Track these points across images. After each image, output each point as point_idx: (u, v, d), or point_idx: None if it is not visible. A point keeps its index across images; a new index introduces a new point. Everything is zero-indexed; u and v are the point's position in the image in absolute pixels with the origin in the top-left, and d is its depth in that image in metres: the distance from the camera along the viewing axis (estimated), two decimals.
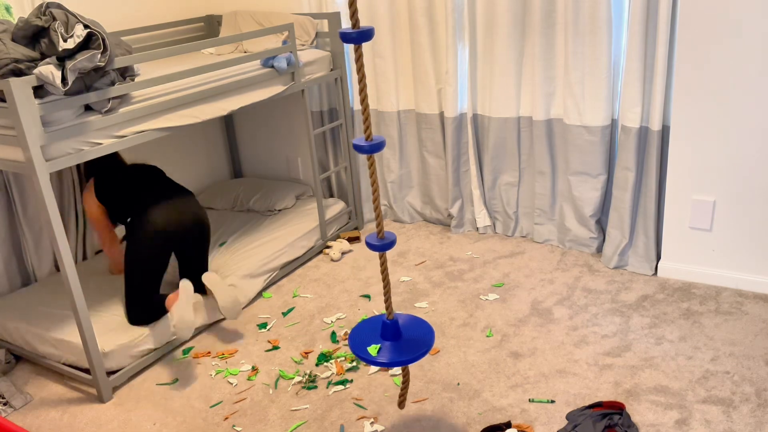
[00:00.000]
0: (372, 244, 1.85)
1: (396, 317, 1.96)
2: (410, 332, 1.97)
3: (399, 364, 1.90)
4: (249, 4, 3.83)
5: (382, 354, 1.89)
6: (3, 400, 2.57)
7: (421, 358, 1.91)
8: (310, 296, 3.21)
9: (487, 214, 3.70)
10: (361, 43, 1.68)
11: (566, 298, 3.00)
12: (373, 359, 1.88)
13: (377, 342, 1.93)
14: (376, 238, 1.86)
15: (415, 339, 1.94)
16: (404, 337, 1.95)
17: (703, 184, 2.91)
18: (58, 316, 2.79)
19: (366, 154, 1.77)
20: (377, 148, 1.75)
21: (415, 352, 1.89)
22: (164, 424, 2.40)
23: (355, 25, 1.65)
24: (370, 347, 1.90)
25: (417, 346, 1.92)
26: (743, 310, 2.80)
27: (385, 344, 1.92)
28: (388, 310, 1.93)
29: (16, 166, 2.30)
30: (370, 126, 1.77)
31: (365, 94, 1.75)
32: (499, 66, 3.32)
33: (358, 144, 1.76)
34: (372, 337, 1.95)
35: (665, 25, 2.76)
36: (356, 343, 1.94)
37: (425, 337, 1.95)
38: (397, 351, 1.90)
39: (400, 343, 1.93)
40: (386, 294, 1.92)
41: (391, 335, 1.93)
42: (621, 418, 2.18)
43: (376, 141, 1.75)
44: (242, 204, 3.91)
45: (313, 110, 3.84)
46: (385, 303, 1.93)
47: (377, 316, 2.03)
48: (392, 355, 1.89)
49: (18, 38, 2.29)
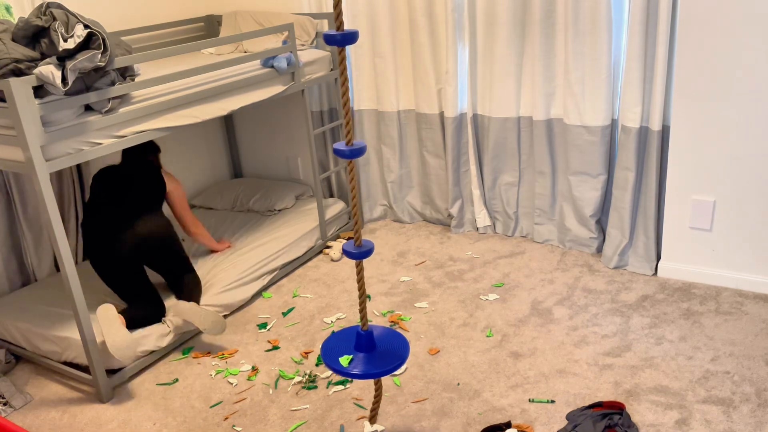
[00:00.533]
0: (349, 251, 1.81)
1: (371, 328, 1.93)
2: (385, 344, 1.94)
3: (372, 376, 1.85)
4: (249, 4, 3.83)
5: (354, 365, 1.85)
6: (3, 400, 2.57)
7: (394, 371, 1.86)
8: (310, 296, 3.21)
9: (487, 214, 3.70)
10: (345, 46, 1.67)
11: (566, 298, 3.00)
12: (344, 370, 1.84)
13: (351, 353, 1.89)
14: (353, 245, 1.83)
15: (389, 351, 1.90)
16: (378, 348, 1.91)
17: (703, 184, 2.91)
18: (58, 315, 2.79)
19: (347, 159, 1.73)
20: (358, 154, 1.72)
21: (389, 365, 1.85)
22: (164, 424, 2.40)
23: (339, 28, 1.64)
24: (341, 358, 1.86)
25: (391, 359, 1.88)
26: (743, 310, 2.80)
27: (359, 355, 1.89)
28: (363, 321, 1.90)
29: (16, 166, 2.30)
30: (351, 130, 1.75)
31: (347, 98, 1.74)
32: (499, 66, 3.32)
33: (339, 149, 1.72)
34: (345, 348, 1.91)
35: (665, 25, 2.76)
36: (329, 353, 1.90)
37: (399, 350, 1.91)
38: (371, 363, 1.86)
39: (374, 355, 1.89)
40: (361, 304, 1.89)
41: (365, 347, 1.90)
42: (621, 418, 2.18)
43: (356, 146, 1.72)
44: (242, 204, 3.91)
45: (313, 110, 3.84)
46: (360, 313, 1.90)
47: (351, 327, 1.99)
48: (365, 367, 1.85)
49: (18, 38, 2.29)
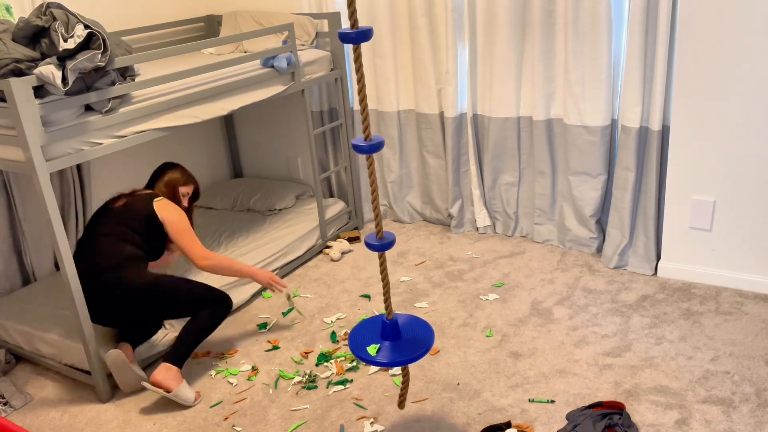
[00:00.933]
0: (371, 244, 1.84)
1: (395, 317, 1.96)
2: (410, 332, 1.97)
3: (398, 364, 1.89)
4: (249, 4, 3.83)
5: (381, 354, 1.89)
6: (3, 400, 2.57)
7: (420, 358, 1.91)
8: (310, 296, 3.21)
9: (487, 214, 3.70)
10: (360, 44, 1.68)
11: (566, 298, 3.00)
12: (372, 359, 1.87)
13: (377, 342, 1.92)
14: (375, 238, 1.86)
15: (414, 339, 1.94)
16: (404, 337, 1.95)
17: (703, 184, 2.91)
18: (58, 316, 2.79)
19: (365, 154, 1.76)
20: (376, 148, 1.75)
21: (415, 352, 1.89)
22: (164, 424, 2.40)
23: (354, 25, 1.65)
24: (369, 347, 1.90)
25: (416, 346, 1.91)
26: (743, 310, 2.80)
27: (385, 344, 1.92)
28: (388, 310, 1.93)
29: (16, 166, 2.30)
30: (369, 126, 1.76)
31: (364, 94, 1.74)
32: (499, 66, 3.32)
33: (358, 144, 1.75)
34: (371, 337, 1.95)
35: (665, 25, 2.76)
36: (356, 343, 1.93)
37: (425, 337, 1.95)
38: (397, 351, 1.90)
39: (400, 343, 1.93)
40: (386, 294, 1.92)
41: (390, 335, 1.93)
42: (621, 418, 2.18)
43: (375, 141, 1.75)
44: (242, 204, 3.91)
45: (313, 110, 3.84)
46: (384, 303, 1.93)
47: (377, 316, 2.03)
48: (392, 355, 1.88)
49: (18, 38, 2.29)
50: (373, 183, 1.82)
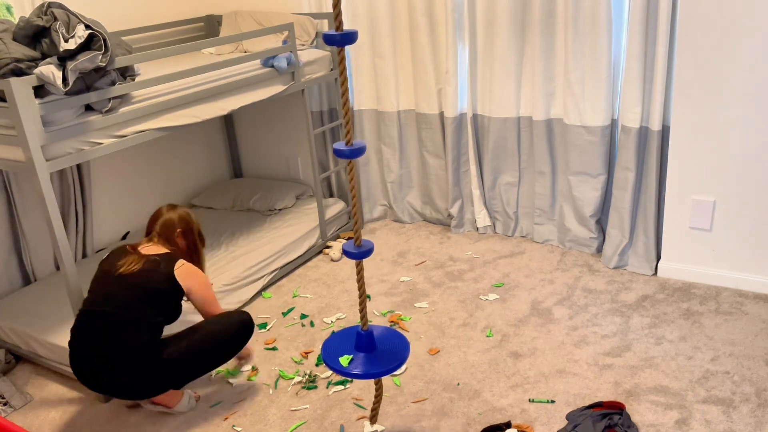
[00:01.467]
0: (349, 252, 1.81)
1: (371, 329, 1.92)
2: (385, 344, 1.93)
3: (372, 376, 1.85)
4: (249, 4, 3.83)
5: (354, 365, 1.85)
6: (3, 400, 2.57)
7: (394, 371, 1.86)
8: (310, 296, 3.21)
9: (487, 214, 3.70)
10: (345, 46, 1.66)
11: (566, 298, 3.00)
12: (344, 370, 1.84)
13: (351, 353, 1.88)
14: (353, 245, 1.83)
15: (389, 351, 1.90)
16: (379, 348, 1.91)
17: (703, 184, 2.91)
18: (58, 317, 2.79)
19: (346, 159, 1.73)
20: (357, 154, 1.72)
21: (389, 365, 1.85)
22: (164, 424, 2.40)
23: (339, 28, 1.64)
24: (341, 358, 1.86)
25: (391, 359, 1.87)
26: (743, 310, 2.80)
27: (359, 355, 1.88)
28: (363, 321, 1.90)
29: (16, 166, 2.30)
30: (351, 130, 1.74)
31: (347, 98, 1.73)
32: (499, 66, 3.32)
33: (339, 149, 1.72)
34: (346, 348, 1.91)
35: (665, 25, 2.77)
36: (329, 353, 1.90)
37: (399, 349, 1.91)
38: (370, 363, 1.86)
39: (374, 355, 1.89)
40: (361, 304, 1.88)
41: (365, 347, 1.90)
42: (621, 418, 2.18)
43: (356, 146, 1.72)
44: (242, 204, 3.91)
45: (313, 110, 3.84)
46: (360, 313, 1.90)
47: (351, 327, 1.99)
48: (365, 367, 1.85)
49: (19, 38, 2.29)
50: (353, 189, 1.80)
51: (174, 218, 2.49)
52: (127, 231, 3.68)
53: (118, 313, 2.24)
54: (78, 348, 2.28)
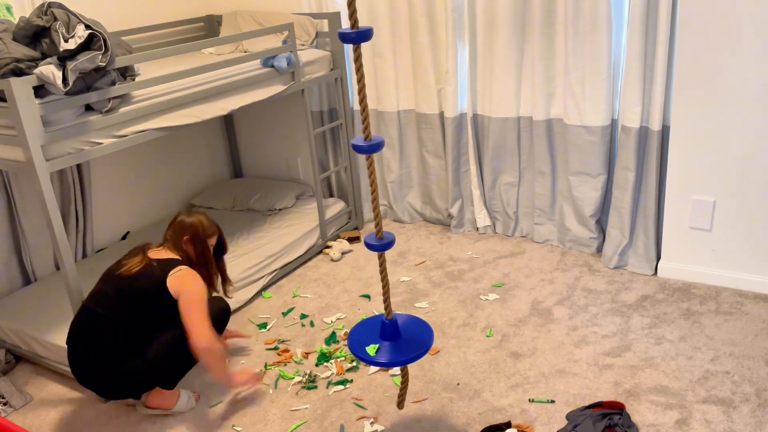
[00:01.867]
0: (371, 244, 1.84)
1: (395, 317, 1.96)
2: (409, 332, 1.97)
3: (398, 364, 1.89)
4: (249, 4, 3.83)
5: (380, 354, 1.88)
6: (3, 400, 2.57)
7: (419, 358, 1.90)
8: (310, 296, 3.21)
9: (487, 214, 3.70)
10: (360, 44, 1.68)
11: (566, 298, 3.00)
12: (371, 359, 1.87)
13: (376, 342, 1.92)
14: (375, 238, 1.86)
15: (413, 339, 1.94)
16: (403, 337, 1.94)
17: (703, 184, 2.91)
18: (58, 317, 2.78)
19: (365, 154, 1.76)
20: (376, 149, 1.74)
21: (414, 352, 1.89)
22: (164, 424, 2.40)
23: (354, 25, 1.65)
24: (368, 347, 1.89)
25: (416, 346, 1.91)
26: (743, 310, 2.80)
27: (384, 344, 1.91)
28: (387, 310, 1.93)
29: (17, 166, 2.30)
30: (369, 126, 1.76)
31: (364, 94, 1.74)
32: (499, 66, 3.32)
33: (357, 144, 1.75)
34: (371, 337, 1.94)
35: (665, 25, 2.77)
36: (355, 343, 1.93)
37: (424, 337, 1.95)
38: (396, 351, 1.89)
39: (399, 343, 1.92)
40: (385, 294, 1.92)
41: (389, 335, 1.93)
42: (621, 418, 2.18)
43: (374, 141, 1.75)
44: (242, 204, 3.91)
45: (313, 110, 3.84)
46: (384, 303, 1.93)
47: (376, 316, 2.02)
48: (391, 355, 1.88)
49: (19, 38, 2.29)
50: (373, 183, 1.82)
51: (185, 224, 2.44)
52: (127, 231, 3.68)
53: (103, 314, 2.27)
54: (71, 343, 2.33)
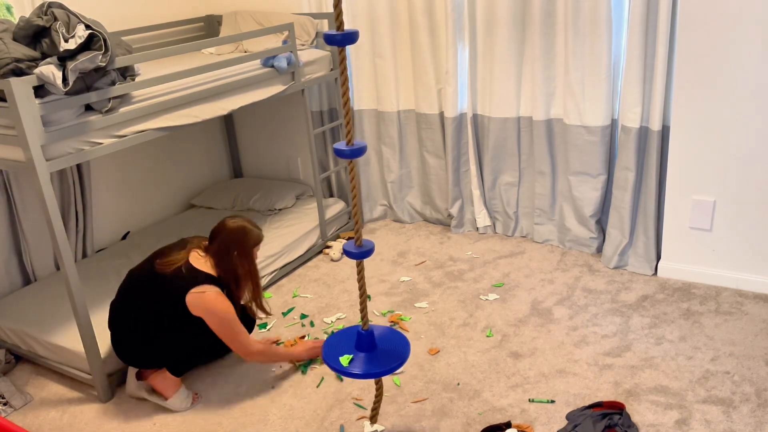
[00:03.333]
0: (350, 251, 1.81)
1: (371, 328, 1.92)
2: (385, 344, 1.93)
3: (372, 376, 1.86)
4: (249, 4, 3.83)
5: (354, 365, 1.85)
6: (3, 400, 2.57)
7: (394, 371, 1.87)
8: (310, 296, 3.21)
9: (487, 214, 3.70)
10: (345, 46, 1.66)
11: (566, 298, 3.00)
12: (344, 370, 1.84)
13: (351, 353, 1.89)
14: (354, 245, 1.82)
15: (389, 351, 1.90)
16: (379, 348, 1.91)
17: (703, 184, 2.91)
18: (57, 318, 2.79)
19: (347, 159, 1.73)
20: (358, 153, 1.72)
21: (389, 365, 1.85)
22: (164, 424, 2.40)
23: (340, 28, 1.64)
24: (342, 357, 1.86)
25: (391, 358, 1.87)
26: (743, 310, 2.80)
27: (359, 355, 1.88)
28: (364, 321, 1.90)
29: (17, 166, 2.30)
30: (352, 130, 1.74)
31: (347, 97, 1.73)
32: (499, 66, 3.32)
33: (339, 149, 1.72)
34: (346, 348, 1.91)
35: (665, 25, 2.77)
36: (330, 353, 1.90)
37: (400, 350, 1.91)
38: (371, 362, 1.86)
39: (374, 355, 1.89)
40: (362, 303, 1.89)
41: (365, 346, 1.90)
42: (621, 418, 2.18)
43: (356, 146, 1.72)
44: (242, 204, 3.91)
45: (313, 110, 3.84)
46: (360, 312, 1.90)
47: (352, 327, 2.00)
48: (366, 367, 1.85)
49: (19, 38, 2.29)
50: (354, 189, 1.79)
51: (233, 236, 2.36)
52: (127, 231, 3.68)
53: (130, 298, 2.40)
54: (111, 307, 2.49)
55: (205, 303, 2.28)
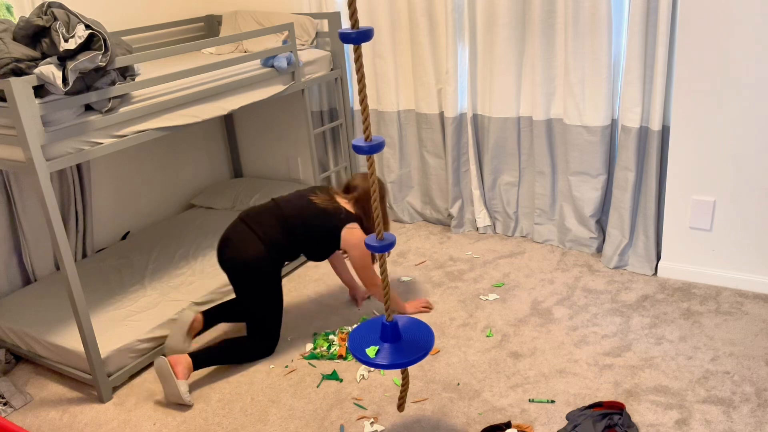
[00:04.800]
0: (372, 245, 1.83)
1: (395, 319, 1.95)
2: (410, 334, 1.96)
3: (398, 366, 1.88)
4: (249, 4, 3.83)
5: (380, 356, 1.88)
6: (3, 400, 2.57)
7: (420, 360, 1.90)
8: (310, 296, 3.21)
9: (487, 214, 3.70)
10: (361, 44, 1.67)
11: (566, 298, 3.00)
12: (371, 361, 1.86)
13: (377, 344, 1.91)
14: (375, 239, 1.85)
15: (414, 341, 1.93)
16: (404, 338, 1.94)
17: (703, 184, 2.91)
18: (57, 318, 2.79)
19: (365, 154, 1.75)
20: (376, 149, 1.74)
21: (415, 354, 1.87)
22: (164, 424, 2.40)
23: (355, 25, 1.65)
24: (368, 349, 1.89)
25: (416, 348, 1.90)
26: (743, 310, 2.80)
27: (384, 346, 1.91)
28: (388, 312, 1.93)
29: (17, 166, 2.30)
30: (369, 126, 1.76)
31: (365, 95, 1.74)
32: (499, 66, 3.32)
33: (358, 145, 1.74)
34: (371, 339, 1.94)
35: (665, 25, 2.77)
36: (356, 344, 1.92)
37: (425, 339, 1.94)
38: (396, 353, 1.88)
39: (400, 345, 1.91)
40: (386, 296, 1.92)
41: (390, 337, 1.92)
42: (621, 418, 2.18)
43: (375, 141, 1.74)
44: (242, 204, 3.91)
45: (313, 110, 3.84)
46: (384, 305, 1.92)
47: (377, 318, 2.02)
48: (391, 357, 1.87)
49: (19, 38, 2.29)
50: (374, 183, 1.82)
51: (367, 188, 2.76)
52: (127, 231, 3.69)
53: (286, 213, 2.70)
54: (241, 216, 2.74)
55: (356, 238, 2.72)
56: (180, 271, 3.17)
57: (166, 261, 3.29)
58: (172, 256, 3.33)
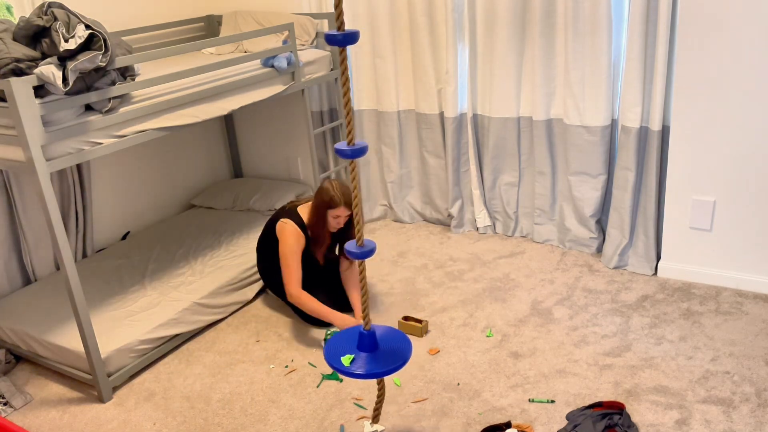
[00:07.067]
0: (351, 251, 1.81)
1: (373, 328, 1.92)
2: (387, 344, 1.93)
3: (374, 376, 1.85)
4: (249, 4, 3.83)
5: (356, 364, 1.85)
6: (3, 400, 2.57)
7: (396, 371, 1.85)
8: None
9: (487, 214, 3.70)
10: (346, 46, 1.66)
11: (566, 298, 3.00)
12: (346, 370, 1.84)
13: (353, 353, 1.88)
14: (355, 245, 1.82)
15: (391, 351, 1.90)
16: (381, 348, 1.91)
17: (703, 184, 2.91)
18: (57, 318, 2.79)
19: (348, 159, 1.72)
20: (359, 153, 1.71)
21: (391, 364, 1.85)
22: (164, 424, 2.40)
23: (341, 28, 1.64)
24: (343, 357, 1.86)
25: (393, 358, 1.87)
26: (743, 310, 2.80)
27: (361, 355, 1.88)
28: (366, 320, 1.90)
29: (17, 166, 2.30)
30: (353, 130, 1.74)
31: (348, 98, 1.73)
32: (499, 66, 3.32)
33: (341, 149, 1.72)
34: (348, 348, 1.91)
35: (665, 25, 2.77)
36: (331, 353, 1.89)
37: (402, 349, 1.91)
38: (373, 362, 1.86)
39: (376, 355, 1.88)
40: (364, 303, 1.89)
41: (367, 346, 1.90)
42: (621, 418, 2.18)
43: (358, 146, 1.71)
44: (242, 204, 3.91)
45: (313, 110, 3.84)
46: (362, 312, 1.90)
47: (354, 327, 2.00)
48: (368, 366, 1.84)
49: (19, 38, 2.29)
50: (356, 188, 1.79)
51: (321, 188, 2.78)
52: (127, 231, 3.68)
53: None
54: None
55: (282, 231, 2.80)
56: (180, 271, 3.17)
57: (166, 261, 3.29)
58: (172, 256, 3.33)
